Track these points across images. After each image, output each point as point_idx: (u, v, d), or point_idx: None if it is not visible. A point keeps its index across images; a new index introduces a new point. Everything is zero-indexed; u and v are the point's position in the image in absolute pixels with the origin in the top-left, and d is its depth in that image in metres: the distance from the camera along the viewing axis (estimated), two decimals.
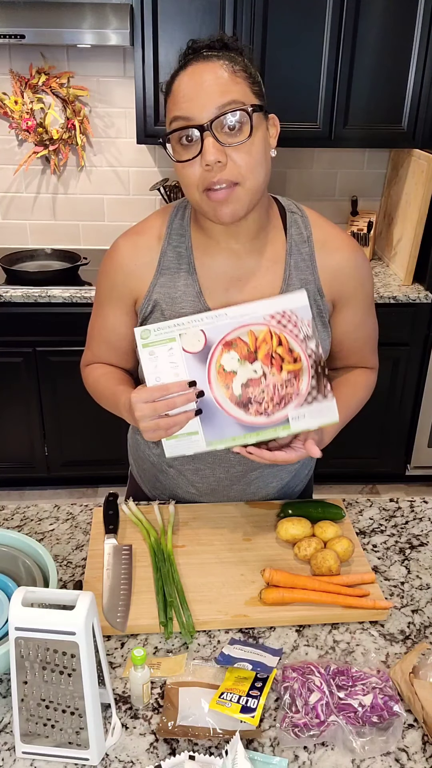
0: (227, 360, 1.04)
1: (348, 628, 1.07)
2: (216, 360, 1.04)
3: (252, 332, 1.03)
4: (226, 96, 0.97)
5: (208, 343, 1.03)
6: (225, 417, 1.06)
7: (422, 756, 0.88)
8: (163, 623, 1.04)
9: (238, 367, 1.04)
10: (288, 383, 1.05)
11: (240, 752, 0.82)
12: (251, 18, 2.46)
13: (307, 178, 3.10)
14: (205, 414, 1.06)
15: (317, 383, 1.05)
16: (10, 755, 0.87)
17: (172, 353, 1.03)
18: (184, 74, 1.00)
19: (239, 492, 1.31)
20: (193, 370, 1.04)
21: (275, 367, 1.04)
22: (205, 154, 0.98)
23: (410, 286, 2.78)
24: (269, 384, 1.05)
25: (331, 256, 1.17)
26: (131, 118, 2.91)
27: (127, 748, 0.88)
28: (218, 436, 1.07)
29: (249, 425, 1.06)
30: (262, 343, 1.04)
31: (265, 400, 1.05)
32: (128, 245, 1.17)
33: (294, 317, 1.03)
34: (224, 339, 1.03)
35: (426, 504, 1.39)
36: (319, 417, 1.07)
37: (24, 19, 2.40)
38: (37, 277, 2.72)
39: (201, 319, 1.03)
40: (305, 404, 1.06)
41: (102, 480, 3.06)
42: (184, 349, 1.03)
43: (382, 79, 2.59)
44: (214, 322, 1.03)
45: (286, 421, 1.06)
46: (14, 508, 1.34)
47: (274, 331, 1.03)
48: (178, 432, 1.05)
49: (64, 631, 0.80)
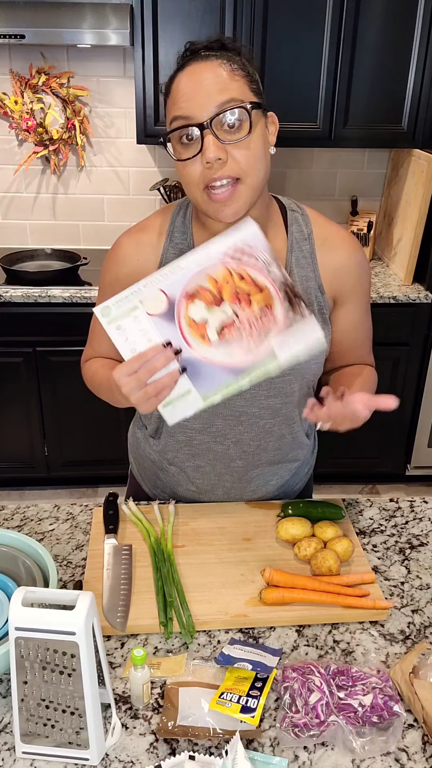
0: (194, 311, 1.01)
1: (348, 628, 1.07)
2: (183, 314, 1.01)
3: (210, 276, 1.00)
4: (225, 94, 0.98)
5: (170, 300, 1.00)
6: (211, 367, 1.03)
7: (422, 756, 0.88)
8: (163, 623, 1.04)
9: (207, 315, 1.01)
10: (262, 314, 1.01)
11: (240, 752, 0.82)
12: (251, 18, 2.46)
13: (307, 178, 3.10)
14: (191, 370, 1.03)
15: (291, 306, 1.00)
16: (10, 755, 0.87)
17: (138, 321, 1.01)
18: (183, 74, 1.01)
19: (239, 490, 1.32)
20: (164, 331, 1.01)
21: (244, 303, 1.01)
22: (205, 152, 0.99)
23: (410, 286, 2.78)
24: (243, 321, 1.01)
25: (332, 253, 1.18)
26: (131, 118, 2.91)
27: (127, 748, 0.88)
28: (211, 388, 1.04)
29: (237, 368, 1.03)
30: (224, 284, 1.00)
31: (245, 338, 1.02)
32: (131, 242, 1.18)
33: (248, 248, 0.99)
34: (185, 291, 1.00)
35: (426, 504, 1.39)
36: (303, 339, 1.02)
37: (24, 19, 2.40)
38: (37, 277, 2.72)
39: (157, 279, 1.00)
40: (285, 330, 1.02)
41: (102, 480, 3.06)
42: (148, 313, 1.00)
43: (382, 79, 2.59)
44: (170, 277, 0.99)
45: (272, 354, 1.02)
46: (14, 508, 1.34)
47: (232, 268, 0.99)
48: (171, 396, 1.04)
49: (64, 631, 0.80)
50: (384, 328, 2.72)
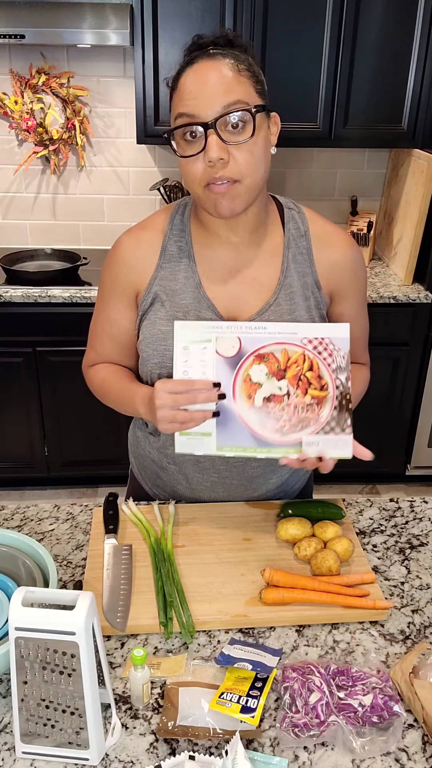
0: (256, 371, 1.06)
1: (348, 628, 1.07)
2: (245, 369, 1.06)
3: (286, 351, 1.05)
4: (231, 95, 0.99)
5: (241, 350, 1.05)
6: (240, 426, 1.07)
7: (422, 756, 0.88)
8: (163, 623, 1.04)
9: (264, 381, 1.06)
10: (309, 408, 1.06)
11: (240, 752, 0.82)
12: (251, 18, 2.46)
13: (307, 178, 3.10)
14: (221, 419, 1.07)
15: (338, 415, 1.06)
16: (10, 755, 0.87)
17: (205, 353, 1.05)
18: (190, 71, 1.01)
19: (240, 488, 1.32)
20: (220, 373, 1.06)
21: (300, 390, 1.06)
22: (208, 151, 1.00)
23: (410, 286, 2.78)
24: (291, 404, 1.06)
25: (329, 250, 1.19)
26: (131, 118, 2.91)
27: (127, 748, 0.88)
28: (230, 442, 1.08)
29: (262, 440, 1.08)
30: (292, 364, 1.06)
31: (284, 419, 1.07)
32: (131, 240, 1.20)
33: (331, 346, 1.05)
34: (258, 351, 1.05)
35: (426, 504, 1.39)
36: (332, 449, 1.07)
37: (24, 19, 2.40)
38: (37, 277, 2.72)
39: (240, 327, 1.05)
40: (321, 433, 1.07)
41: (102, 480, 3.06)
42: (217, 351, 1.05)
43: (382, 79, 2.59)
44: (252, 333, 1.05)
45: (298, 445, 1.07)
46: (14, 508, 1.34)
47: (308, 355, 1.05)
48: (193, 431, 1.07)
49: (64, 631, 0.80)
50: (384, 328, 2.73)
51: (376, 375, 1.39)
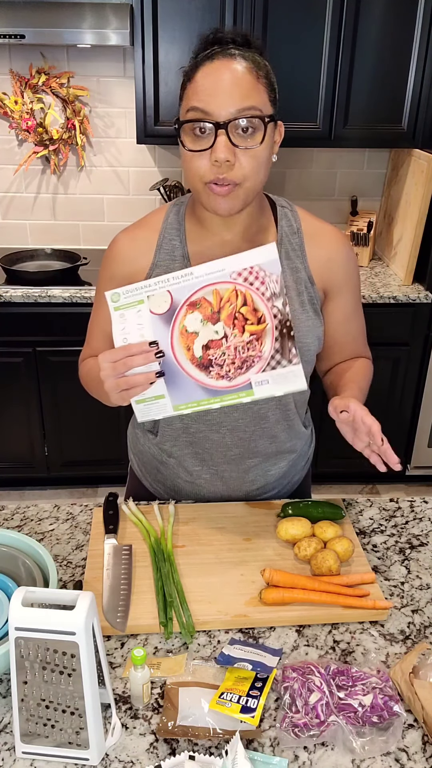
0: (190, 321, 1.02)
1: (348, 628, 1.07)
2: (180, 321, 1.03)
3: (217, 291, 1.01)
4: (247, 100, 1.00)
5: (174, 304, 1.02)
6: (187, 380, 1.05)
7: (422, 756, 0.88)
8: (163, 623, 1.04)
9: (200, 328, 1.03)
10: (250, 345, 1.03)
11: (240, 752, 0.82)
12: (251, 18, 2.46)
13: (307, 178, 3.10)
14: (169, 377, 1.05)
15: (281, 346, 1.02)
16: (10, 755, 0.87)
17: (140, 315, 1.03)
18: (210, 66, 1.01)
19: (238, 481, 1.32)
20: (158, 332, 1.03)
21: (237, 328, 1.02)
22: (216, 151, 1.01)
23: (410, 286, 2.78)
24: (230, 346, 1.03)
25: (321, 246, 1.21)
26: (131, 118, 2.91)
27: (127, 748, 0.88)
28: (183, 399, 1.06)
29: (212, 389, 1.05)
30: (225, 303, 1.01)
31: (226, 363, 1.03)
32: (126, 239, 1.22)
33: (262, 273, 1.00)
34: (189, 299, 1.02)
35: (426, 504, 1.39)
36: (283, 383, 1.04)
37: (24, 19, 2.40)
38: (37, 277, 2.72)
39: (168, 280, 1.01)
40: (268, 369, 1.03)
41: (102, 480, 3.06)
42: (151, 310, 1.03)
43: (382, 79, 2.59)
44: (180, 282, 1.01)
45: (248, 386, 1.04)
46: (14, 508, 1.34)
47: (239, 289, 1.01)
48: (146, 396, 1.06)
49: (64, 631, 0.80)
50: (384, 328, 2.72)
51: (376, 375, 1.39)
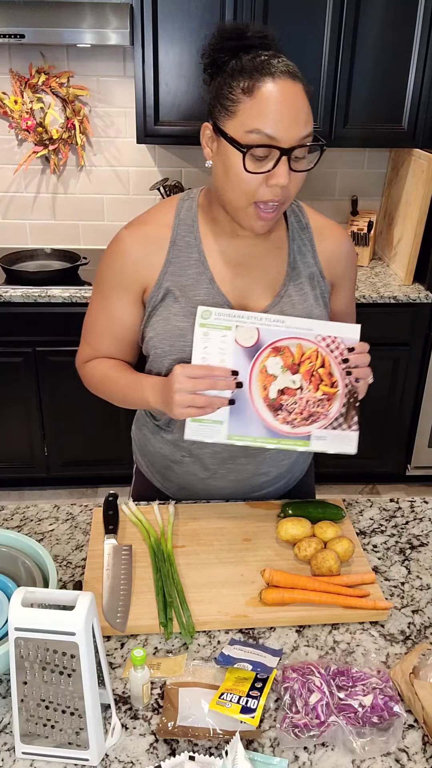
0: (271, 363, 1.10)
1: (348, 629, 1.07)
2: (261, 360, 1.10)
3: (301, 346, 1.10)
4: (309, 126, 1.02)
5: (259, 342, 1.09)
6: (253, 415, 1.11)
7: (422, 756, 0.88)
8: (163, 624, 1.04)
9: (279, 373, 1.10)
10: (320, 403, 1.12)
11: (240, 753, 0.82)
12: (251, 18, 2.45)
13: (307, 178, 3.07)
14: (235, 407, 1.10)
15: (346, 412, 1.12)
16: (10, 755, 0.87)
17: (224, 340, 1.08)
18: (273, 85, 0.99)
19: (252, 472, 1.31)
20: (239, 363, 1.09)
21: (313, 385, 1.11)
22: (278, 177, 1.02)
23: (410, 286, 2.78)
24: (303, 398, 1.11)
25: (327, 241, 1.24)
26: (131, 118, 2.91)
27: (127, 748, 0.88)
28: (241, 431, 1.12)
29: (272, 430, 1.12)
30: (306, 359, 1.10)
31: (295, 411, 1.11)
32: (135, 235, 1.18)
33: (342, 346, 1.10)
34: (275, 343, 1.09)
35: (426, 504, 1.39)
36: (338, 444, 1.13)
37: (24, 18, 2.40)
38: (37, 277, 2.71)
39: (260, 319, 1.09)
40: (329, 428, 1.12)
41: (102, 480, 3.06)
42: (236, 340, 1.09)
43: (382, 79, 2.59)
44: (270, 325, 1.09)
45: (307, 438, 1.12)
46: (14, 508, 1.34)
47: (321, 352, 1.10)
48: (206, 417, 1.10)
49: (64, 632, 0.80)
50: (384, 328, 2.72)
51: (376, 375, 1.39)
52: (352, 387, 1.12)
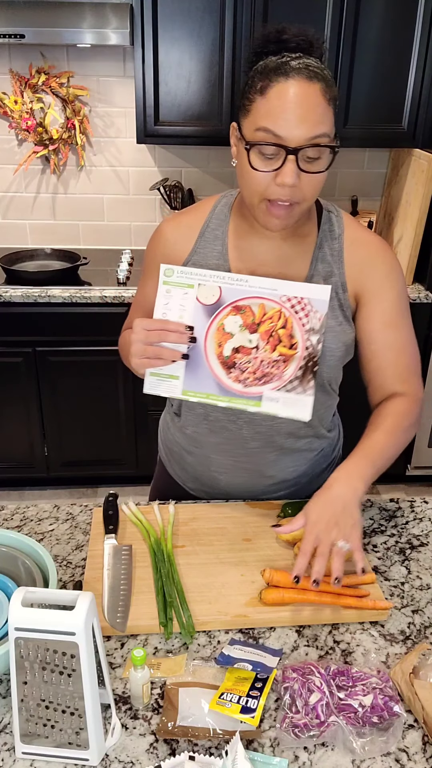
0: (230, 322, 1.09)
1: (348, 629, 1.07)
2: (220, 318, 1.09)
3: (263, 305, 1.08)
4: (320, 127, 1.00)
5: (220, 300, 1.08)
6: (207, 372, 1.10)
7: (422, 756, 0.88)
8: (163, 624, 1.04)
9: (237, 331, 1.09)
10: (275, 364, 1.09)
11: (240, 752, 0.82)
12: (251, 18, 2.45)
13: None
14: (189, 363, 1.11)
15: (303, 375, 1.09)
16: (10, 755, 0.87)
17: (185, 297, 1.09)
18: (285, 85, 0.98)
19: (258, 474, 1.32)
20: (197, 319, 1.09)
21: (270, 345, 1.08)
22: (284, 176, 1.01)
23: (410, 286, 2.78)
24: (258, 357, 1.09)
25: (360, 250, 1.20)
26: (131, 118, 2.91)
27: (127, 748, 0.88)
28: (195, 387, 1.12)
29: (225, 388, 1.11)
30: (267, 319, 1.08)
31: (248, 371, 1.10)
32: (172, 224, 1.25)
33: (309, 307, 1.07)
34: (236, 302, 1.08)
35: (426, 504, 1.39)
36: (291, 408, 1.10)
37: (24, 18, 2.40)
38: (37, 277, 2.71)
39: (223, 278, 1.08)
40: (282, 390, 1.09)
41: (102, 480, 3.05)
42: (197, 298, 1.08)
43: (382, 79, 2.59)
44: (233, 284, 1.07)
45: (258, 398, 1.10)
46: (14, 508, 1.34)
47: (284, 312, 1.07)
48: (162, 371, 1.11)
49: (64, 632, 0.80)
50: None
51: None
52: (312, 350, 1.08)
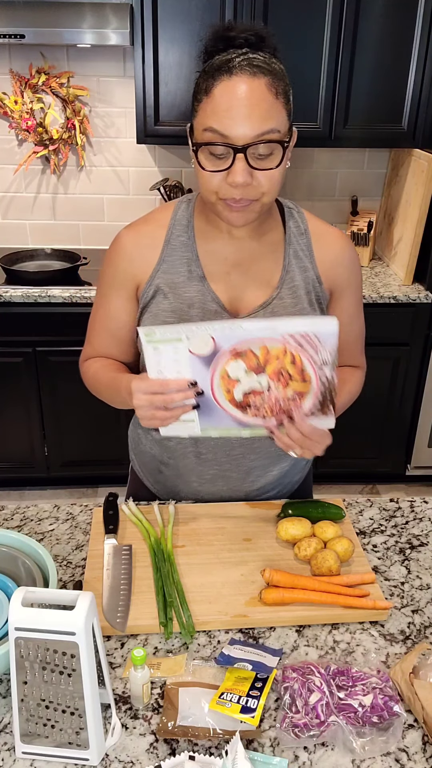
0: (233, 368, 1.01)
1: (348, 629, 1.07)
2: (221, 366, 1.01)
3: (265, 347, 0.99)
4: (266, 123, 0.98)
5: (215, 348, 1.00)
6: (222, 414, 1.07)
7: (422, 756, 0.88)
8: (163, 623, 1.04)
9: (243, 376, 1.02)
10: (291, 401, 1.03)
11: (240, 752, 0.82)
12: (251, 18, 2.45)
13: (307, 178, 3.09)
14: (203, 408, 1.06)
15: (322, 405, 1.03)
16: (10, 755, 0.87)
17: (177, 351, 1.00)
18: (228, 83, 0.97)
19: (238, 481, 1.32)
20: (197, 370, 1.02)
21: (281, 383, 1.01)
22: (234, 175, 1.00)
23: (410, 286, 2.78)
24: (272, 397, 1.03)
25: (328, 247, 1.22)
26: (131, 118, 2.91)
27: (127, 748, 0.88)
28: (213, 425, 1.08)
29: (245, 423, 1.07)
30: (273, 359, 1.00)
31: (264, 407, 1.04)
32: (131, 233, 1.21)
33: (316, 341, 0.97)
34: (234, 348, 1.00)
35: (426, 504, 1.39)
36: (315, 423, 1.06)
37: (24, 19, 2.40)
38: (37, 277, 2.71)
39: (213, 326, 0.98)
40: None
41: (102, 480, 3.06)
42: (190, 350, 1.00)
43: (382, 78, 2.59)
44: (226, 330, 0.98)
45: (281, 425, 1.06)
46: (14, 508, 1.34)
47: (290, 349, 0.99)
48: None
49: (64, 631, 0.80)
50: (384, 328, 2.72)
51: (376, 375, 1.39)
52: (329, 384, 1.01)
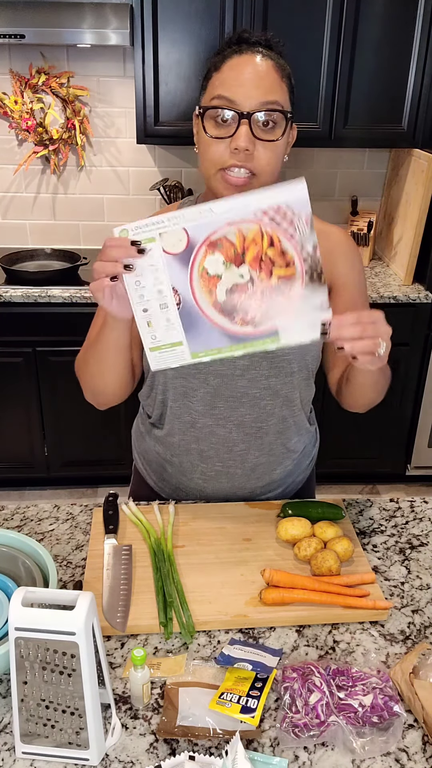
0: (211, 262, 0.94)
1: (348, 629, 1.07)
2: (199, 262, 0.95)
3: (240, 231, 0.92)
4: (272, 95, 1.05)
5: (190, 243, 0.94)
6: (209, 326, 0.98)
7: (422, 756, 0.88)
8: (163, 623, 1.04)
9: (223, 271, 0.95)
10: (278, 290, 0.95)
11: (240, 752, 0.82)
12: (251, 18, 2.45)
13: (307, 178, 3.05)
14: (188, 322, 0.98)
15: (312, 293, 0.95)
16: (10, 755, 0.87)
17: (152, 255, 0.94)
18: (239, 58, 1.05)
19: (243, 478, 1.32)
20: (175, 274, 0.95)
21: (264, 272, 0.94)
22: (237, 139, 1.04)
23: (410, 286, 2.78)
24: (257, 290, 0.95)
25: (323, 240, 1.19)
26: (131, 118, 2.91)
27: (127, 748, 0.88)
28: (203, 347, 0.99)
29: (235, 335, 0.98)
30: (250, 244, 0.93)
31: (253, 309, 0.96)
32: None
33: (290, 213, 0.91)
34: (208, 239, 0.93)
35: (426, 504, 1.39)
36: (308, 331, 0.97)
37: (24, 19, 2.40)
38: (37, 277, 2.72)
39: (183, 216, 0.92)
40: (296, 314, 0.96)
41: (102, 480, 3.06)
42: (164, 250, 0.94)
43: (382, 79, 2.59)
44: (198, 219, 0.92)
45: (275, 333, 0.97)
46: (14, 508, 1.34)
47: (265, 229, 0.92)
48: (162, 342, 1.00)
49: (64, 631, 0.80)
50: None
51: None
52: (312, 261, 0.93)
